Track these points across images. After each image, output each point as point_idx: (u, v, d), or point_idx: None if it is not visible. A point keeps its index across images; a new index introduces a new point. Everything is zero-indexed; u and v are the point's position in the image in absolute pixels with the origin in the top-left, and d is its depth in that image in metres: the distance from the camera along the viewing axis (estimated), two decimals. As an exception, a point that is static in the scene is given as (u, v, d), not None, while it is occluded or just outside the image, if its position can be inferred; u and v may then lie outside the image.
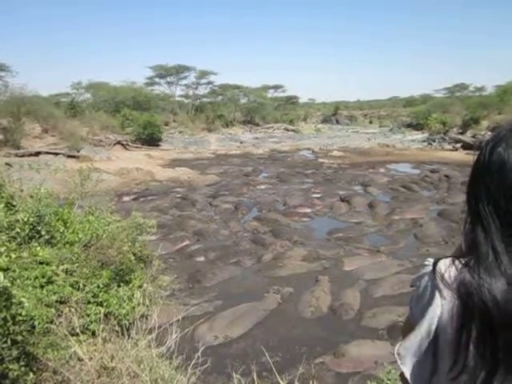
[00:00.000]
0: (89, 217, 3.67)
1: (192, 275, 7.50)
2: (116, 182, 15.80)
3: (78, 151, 21.31)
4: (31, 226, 3.20)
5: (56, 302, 2.87)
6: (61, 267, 3.06)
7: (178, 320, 3.87)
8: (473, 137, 25.70)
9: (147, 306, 3.41)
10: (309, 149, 28.19)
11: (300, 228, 10.33)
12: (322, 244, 9.10)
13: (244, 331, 5.70)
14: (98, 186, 6.90)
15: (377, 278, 7.22)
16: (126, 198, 13.56)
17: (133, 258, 3.48)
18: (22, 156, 19.09)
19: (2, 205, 3.21)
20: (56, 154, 20.36)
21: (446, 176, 16.04)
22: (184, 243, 9.21)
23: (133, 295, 3.28)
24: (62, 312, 2.88)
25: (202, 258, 8.38)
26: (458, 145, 25.34)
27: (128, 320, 3.23)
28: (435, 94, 53.68)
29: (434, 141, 28.01)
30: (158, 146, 28.19)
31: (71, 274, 3.13)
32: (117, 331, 3.17)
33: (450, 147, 25.71)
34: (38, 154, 20.07)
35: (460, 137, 26.67)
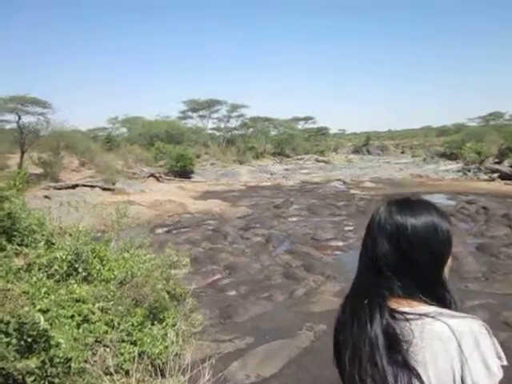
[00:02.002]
0: (124, 254, 3.73)
1: (223, 310, 7.44)
2: (149, 215, 16.08)
3: (114, 184, 21.93)
4: (69, 264, 3.28)
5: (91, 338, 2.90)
6: (96, 305, 3.10)
7: (210, 359, 3.83)
8: (510, 166, 24.95)
9: (180, 345, 3.38)
10: (340, 180, 28.04)
11: (332, 262, 10.17)
12: (355, 279, 8.89)
13: (276, 370, 5.56)
14: (133, 219, 7.05)
15: (414, 316, 6.95)
16: (159, 231, 13.76)
17: (166, 296, 3.49)
18: (60, 189, 19.79)
19: (43, 242, 3.31)
20: (92, 186, 21.01)
21: (484, 208, 15.53)
22: (215, 277, 9.19)
23: (166, 334, 3.28)
24: (96, 351, 2.90)
25: (233, 293, 8.32)
26: (495, 175, 24.63)
27: (161, 359, 3.21)
28: (469, 122, 52.79)
29: (469, 171, 27.37)
30: (190, 178, 28.70)
31: (106, 312, 3.16)
32: (150, 371, 3.15)
33: (486, 177, 25.03)
34: (75, 186, 20.76)
35: (497, 166, 25.95)
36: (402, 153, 54.46)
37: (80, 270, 3.35)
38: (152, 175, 26.77)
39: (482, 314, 6.91)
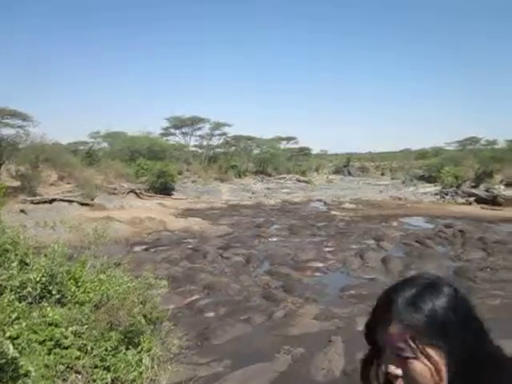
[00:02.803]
0: (100, 275, 3.64)
1: (201, 332, 7.32)
2: (128, 231, 15.87)
3: (92, 199, 21.62)
4: (43, 286, 3.18)
5: (63, 365, 2.80)
6: (70, 329, 3.01)
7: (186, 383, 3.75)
8: (486, 190, 25.53)
9: (155, 371, 3.30)
10: (321, 200, 28.25)
11: (312, 283, 10.14)
12: (334, 301, 8.88)
13: (254, 395, 5.47)
14: (110, 236, 6.92)
15: (392, 340, 6.95)
16: (137, 248, 13.56)
17: (143, 320, 3.41)
18: (38, 203, 19.41)
19: (16, 263, 3.21)
20: (70, 201, 20.67)
21: (461, 231, 15.79)
22: (194, 297, 9.06)
23: (141, 359, 3.19)
24: (67, 377, 2.80)
25: (211, 314, 8.21)
26: (472, 198, 25.18)
27: (135, 386, 3.13)
28: (446, 146, 54.07)
29: (447, 194, 27.90)
30: (171, 195, 28.53)
31: (80, 336, 3.07)
32: (123, 398, 3.06)
33: (463, 201, 25.56)
34: (52, 201, 20.38)
35: (473, 190, 26.53)
36: (382, 174, 55.27)
37: (54, 292, 3.25)
38: (132, 191, 26.50)
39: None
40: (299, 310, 8.28)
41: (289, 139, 55.85)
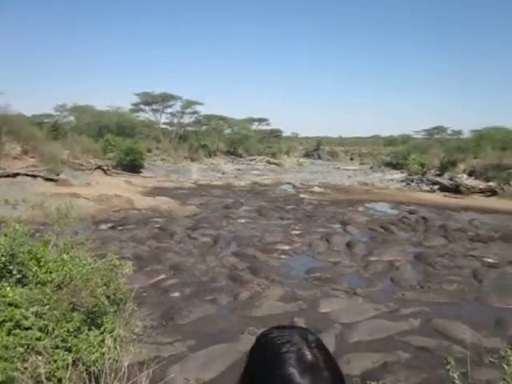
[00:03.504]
0: (63, 255, 3.59)
1: (166, 312, 7.35)
2: (94, 209, 15.60)
3: (58, 174, 21.07)
4: (3, 265, 3.11)
5: (22, 347, 2.77)
6: (30, 309, 2.96)
7: (148, 363, 3.78)
8: (450, 179, 26.33)
9: (118, 351, 3.30)
10: (290, 183, 28.45)
11: (278, 266, 10.29)
12: (299, 283, 9.06)
13: (216, 374, 5.56)
14: (75, 214, 6.78)
15: (352, 322, 7.17)
16: (103, 226, 13.36)
17: (106, 301, 3.40)
18: (0, 177, 18.75)
19: (-26, 241, 3.12)
20: (34, 176, 20.07)
21: (424, 218, 16.29)
22: (160, 277, 9.05)
23: (103, 340, 3.18)
24: (28, 358, 2.77)
25: (177, 294, 8.23)
26: (436, 186, 25.92)
27: (97, 366, 3.12)
28: (414, 135, 55.26)
29: (412, 181, 28.60)
30: (139, 172, 28.11)
31: (41, 317, 3.03)
32: (84, 378, 3.06)
33: (427, 188, 26.27)
34: (16, 175, 19.75)
35: (437, 179, 27.30)
36: (351, 159, 56.05)
37: (14, 271, 3.18)
38: (99, 167, 25.98)
39: (414, 321, 7.28)
40: (264, 292, 8.40)
41: (261, 120, 55.72)
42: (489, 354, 5.94)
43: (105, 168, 26.18)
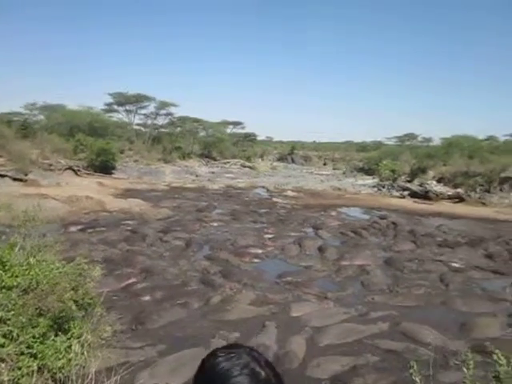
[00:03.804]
0: (30, 259, 3.50)
1: (136, 316, 7.26)
2: (64, 210, 15.26)
3: (26, 174, 20.54)
4: (-35, 269, 3.01)
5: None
6: (-6, 315, 2.88)
7: (117, 369, 3.73)
8: (420, 185, 26.95)
9: (85, 357, 3.25)
10: (264, 187, 28.55)
11: (250, 269, 10.30)
12: (271, 287, 9.09)
13: (186, 379, 5.49)
14: (44, 216, 6.62)
15: (323, 326, 7.25)
16: (72, 229, 13.08)
17: (74, 306, 3.33)
18: (-35, 176, 18.14)
19: None
20: (2, 175, 19.50)
21: (394, 223, 16.62)
22: (130, 280, 8.94)
23: (70, 346, 3.12)
24: (-10, 366, 2.70)
25: (147, 298, 8.14)
26: (406, 192, 26.48)
27: (63, 373, 3.06)
28: (386, 141, 56.37)
29: (384, 187, 29.13)
30: (111, 174, 27.69)
31: (5, 323, 2.95)
32: (50, 386, 2.99)
33: (398, 194, 26.80)
34: (-19, 175, 19.14)
35: (408, 185, 27.90)
36: (325, 164, 56.65)
37: (-22, 276, 3.09)
38: (70, 168, 25.46)
39: (383, 325, 7.41)
40: (236, 296, 8.41)
41: (235, 124, 55.71)
42: (454, 357, 6.09)
43: (75, 169, 25.67)
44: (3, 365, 2.78)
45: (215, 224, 15.39)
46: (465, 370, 2.05)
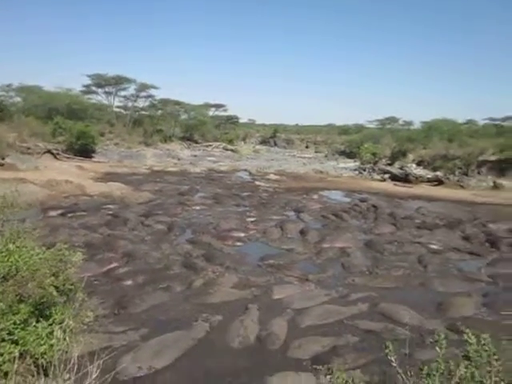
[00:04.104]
0: (9, 245, 3.47)
1: (118, 300, 7.26)
2: (43, 195, 15.04)
3: (3, 158, 20.09)
4: None
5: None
6: (-27, 302, 2.86)
7: (100, 353, 3.74)
8: (400, 168, 27.29)
9: (67, 343, 3.26)
10: (246, 170, 28.55)
11: (233, 253, 10.36)
12: (253, 270, 9.18)
13: (170, 362, 5.58)
14: (22, 201, 6.52)
15: (304, 308, 7.38)
16: (52, 213, 12.91)
17: (55, 292, 3.33)
18: None
19: None
20: (-23, 160, 19.04)
21: (374, 206, 16.84)
22: (112, 265, 8.91)
23: (52, 332, 3.13)
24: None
25: (129, 282, 8.14)
26: (386, 175, 26.79)
27: (45, 359, 3.07)
28: (368, 124, 56.78)
29: (365, 170, 29.40)
30: (91, 157, 27.29)
31: (-16, 310, 2.94)
32: (32, 371, 3.00)
33: (378, 177, 27.11)
34: (-44, 158, 18.65)
35: (388, 168, 28.22)
36: (307, 147, 56.81)
37: (-45, 263, 3.05)
38: (49, 151, 24.98)
39: (363, 306, 7.59)
40: (219, 279, 8.47)
41: (217, 106, 55.29)
42: (430, 336, 6.29)
43: (54, 152, 25.20)
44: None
45: (197, 208, 15.37)
46: (437, 349, 2.13)
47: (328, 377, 2.37)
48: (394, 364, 2.19)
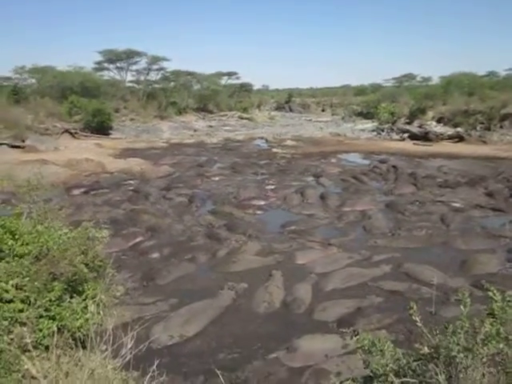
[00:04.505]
0: (38, 226, 3.58)
1: (146, 273, 7.48)
2: (65, 175, 15.30)
3: (23, 141, 20.39)
4: (-23, 241, 3.09)
5: (6, 320, 2.83)
6: (10, 282, 3.00)
7: (132, 324, 3.90)
8: (419, 127, 26.72)
9: (101, 316, 3.40)
10: (263, 138, 28.38)
11: (254, 221, 10.47)
12: (275, 237, 9.29)
13: (199, 329, 5.78)
14: (46, 181, 6.68)
15: (327, 272, 7.48)
16: (75, 192, 13.17)
17: (85, 269, 3.45)
18: (-39, 146, 18.04)
19: None
20: (-1, 143, 19.38)
21: (394, 167, 16.65)
22: (137, 239, 9.12)
23: (86, 306, 3.27)
24: (12, 330, 2.84)
25: (156, 255, 8.35)
26: (406, 135, 26.27)
27: (82, 332, 3.22)
28: (385, 83, 55.35)
29: (383, 130, 28.89)
30: (108, 134, 27.45)
31: (22, 289, 3.08)
32: (71, 344, 3.16)
33: (397, 137, 26.62)
34: (-22, 143, 19.02)
35: (407, 127, 27.65)
36: (323, 111, 55.92)
37: (-11, 247, 3.18)
38: (67, 131, 25.21)
39: (386, 267, 7.64)
40: (242, 248, 8.61)
41: (230, 74, 54.40)
42: (454, 293, 6.32)
43: (72, 131, 25.44)
44: (25, 328, 2.92)
45: (216, 178, 15.46)
46: (462, 307, 2.16)
47: (354, 338, 2.43)
48: (419, 324, 2.23)
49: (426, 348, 2.20)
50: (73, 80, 32.69)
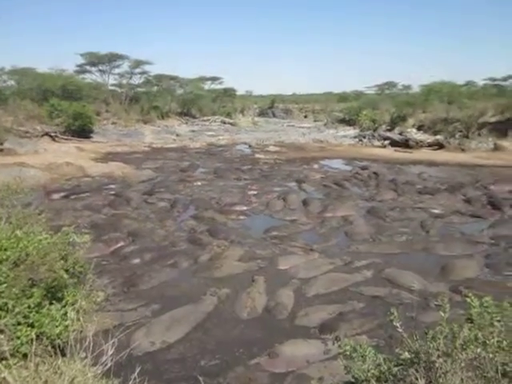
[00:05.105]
0: (17, 231, 3.52)
1: (127, 278, 7.40)
2: (44, 178, 15.06)
3: (2, 143, 19.99)
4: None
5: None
6: (-13, 289, 2.93)
7: (113, 331, 3.85)
8: (400, 134, 27.12)
9: (81, 323, 3.35)
10: (246, 143, 28.43)
11: (237, 226, 10.46)
12: (257, 243, 9.29)
13: (182, 335, 5.73)
14: (25, 184, 6.57)
15: (309, 277, 7.51)
16: (55, 196, 12.96)
17: (65, 275, 3.40)
18: None
19: None
20: (-24, 146, 18.98)
21: (375, 173, 16.86)
22: (118, 244, 9.02)
23: (66, 313, 3.21)
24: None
25: (137, 260, 8.26)
26: (387, 142, 26.65)
27: (61, 340, 3.16)
28: (366, 90, 56.12)
29: (365, 137, 29.19)
30: (89, 138, 27.13)
31: (-1, 295, 3.01)
32: (50, 352, 3.10)
33: (379, 144, 26.96)
34: (-46, 146, 18.59)
35: (388, 134, 28.02)
36: (305, 117, 56.32)
37: (-34, 252, 3.11)
38: (47, 134, 24.82)
39: (367, 272, 7.71)
40: (224, 253, 8.58)
41: (213, 79, 54.47)
42: (434, 299, 6.41)
43: (53, 134, 25.05)
44: (2, 336, 2.86)
45: (199, 183, 15.40)
46: (441, 313, 2.20)
47: (336, 344, 2.45)
48: (400, 330, 2.26)
49: (406, 353, 2.24)
50: (54, 82, 32.22)
